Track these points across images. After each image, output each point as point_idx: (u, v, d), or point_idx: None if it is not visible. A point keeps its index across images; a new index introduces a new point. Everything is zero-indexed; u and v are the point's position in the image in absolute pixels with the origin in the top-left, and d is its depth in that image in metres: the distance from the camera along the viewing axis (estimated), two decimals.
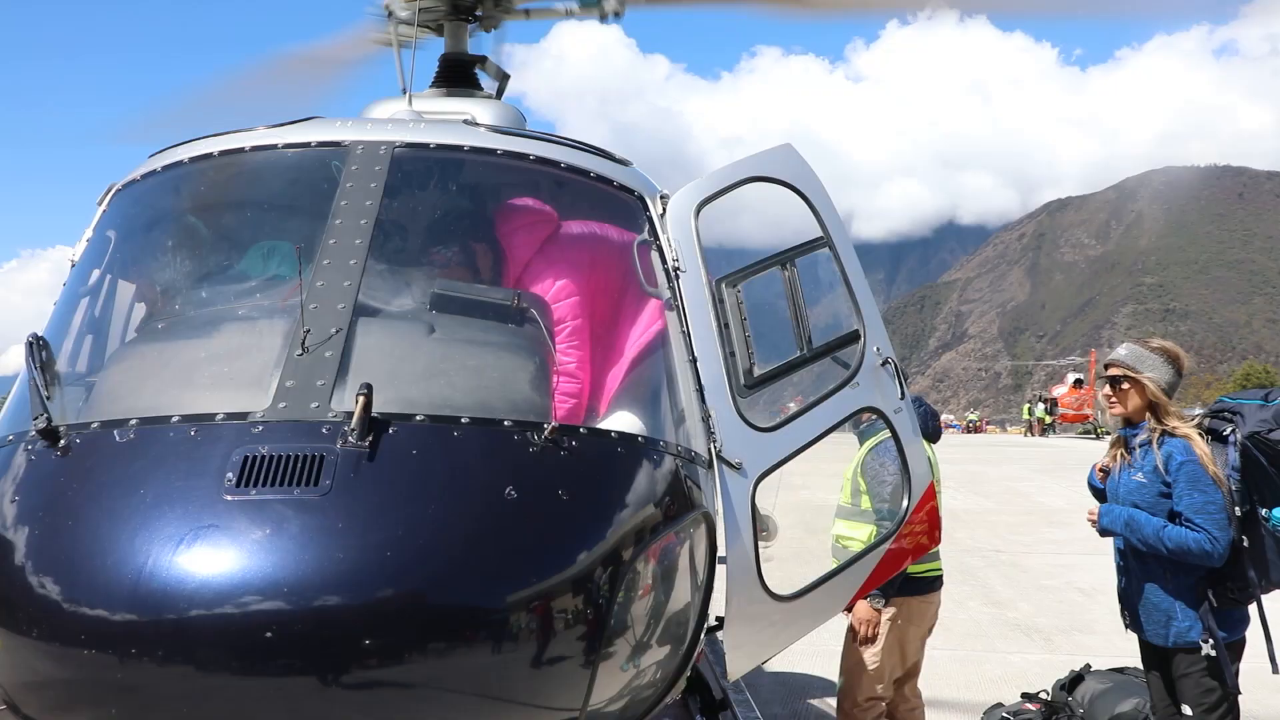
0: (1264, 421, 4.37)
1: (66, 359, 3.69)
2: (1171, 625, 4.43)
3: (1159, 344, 4.63)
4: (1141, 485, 4.50)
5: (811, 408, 3.91)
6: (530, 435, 3.00)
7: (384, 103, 4.86)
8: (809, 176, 4.17)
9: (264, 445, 2.73)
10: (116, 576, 2.51)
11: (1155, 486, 4.44)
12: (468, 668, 2.65)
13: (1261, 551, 4.36)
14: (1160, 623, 4.48)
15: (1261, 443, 4.34)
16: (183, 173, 3.94)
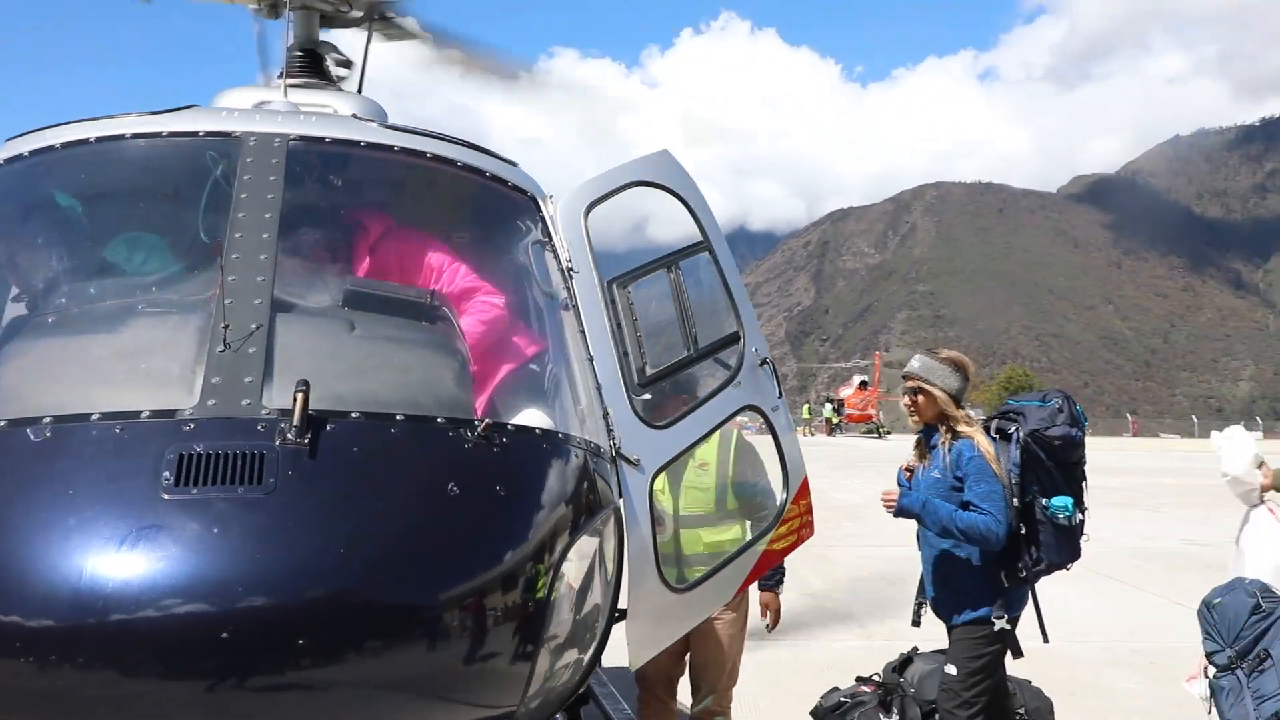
0: (1042, 420, 4.82)
1: None
2: (966, 606, 4.89)
3: (946, 355, 5.04)
4: (937, 480, 4.93)
5: (699, 406, 3.99)
6: (464, 432, 3.04)
7: (237, 91, 4.63)
8: (688, 182, 4.22)
9: (199, 443, 2.65)
10: (54, 582, 2.40)
11: (948, 481, 4.87)
12: (432, 662, 2.67)
13: (1036, 536, 4.81)
14: (956, 605, 4.93)
15: (1040, 439, 4.79)
16: (56, 159, 3.76)
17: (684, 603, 3.91)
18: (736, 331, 4.15)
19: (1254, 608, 4.38)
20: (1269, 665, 4.25)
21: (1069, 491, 4.84)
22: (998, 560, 4.80)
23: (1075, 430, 4.85)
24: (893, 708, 6.13)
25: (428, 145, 3.98)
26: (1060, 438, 4.79)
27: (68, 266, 3.81)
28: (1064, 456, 4.84)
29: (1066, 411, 4.87)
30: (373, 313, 3.53)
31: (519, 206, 4.18)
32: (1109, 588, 11.55)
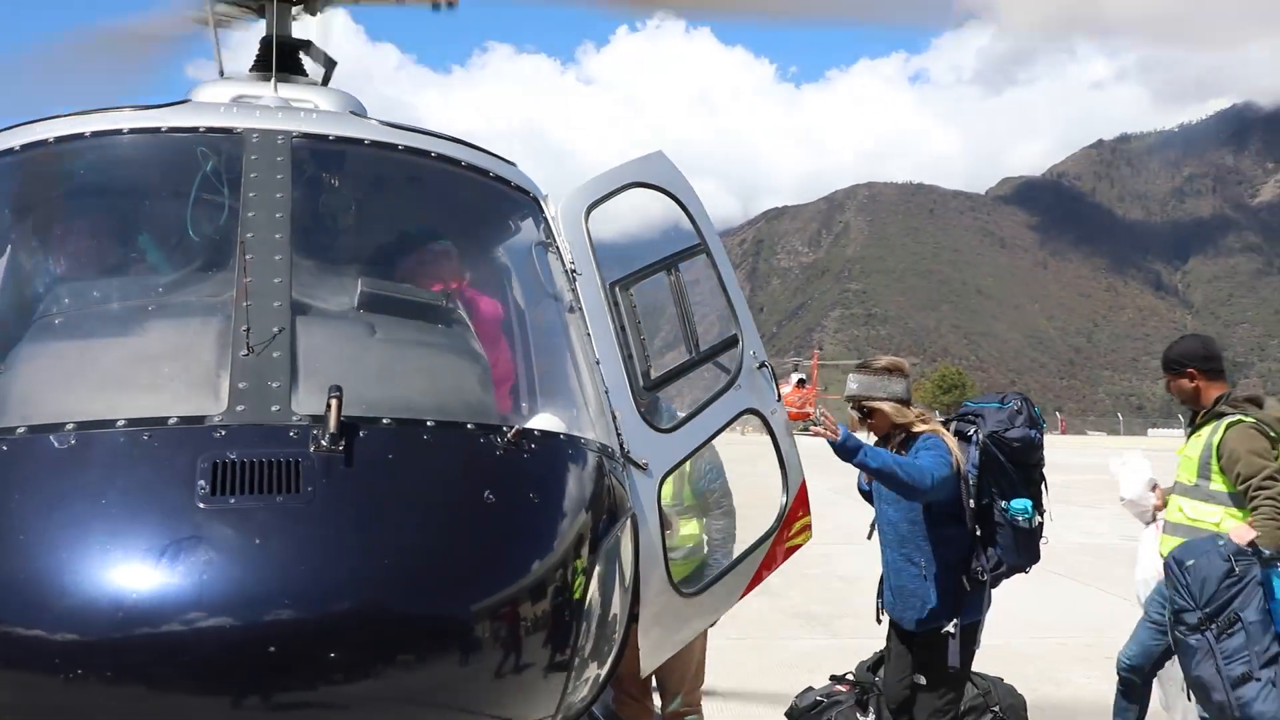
0: (1001, 422, 4.81)
1: None
2: (926, 611, 4.77)
3: (882, 364, 4.93)
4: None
5: (701, 410, 3.97)
6: (494, 438, 3.01)
7: (215, 84, 4.50)
8: (684, 184, 4.19)
9: (232, 451, 2.60)
10: (95, 596, 2.32)
11: None
12: (482, 669, 2.64)
13: (993, 538, 4.81)
14: (915, 608, 4.81)
15: (999, 440, 4.77)
16: (51, 153, 3.58)
17: (693, 607, 3.88)
18: (735, 334, 4.12)
19: (1227, 571, 4.40)
20: (1238, 628, 4.30)
21: (1028, 493, 4.85)
22: (957, 566, 4.76)
23: (1034, 432, 4.85)
24: (869, 706, 6.12)
25: (431, 144, 3.89)
26: (1019, 439, 4.79)
27: (71, 266, 3.68)
28: (1023, 458, 4.84)
29: (1025, 413, 4.87)
30: (390, 315, 3.46)
31: (523, 207, 4.13)
32: (1058, 584, 11.69)
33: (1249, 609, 4.32)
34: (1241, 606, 4.32)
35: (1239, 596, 4.35)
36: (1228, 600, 4.37)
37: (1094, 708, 6.42)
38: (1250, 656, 4.27)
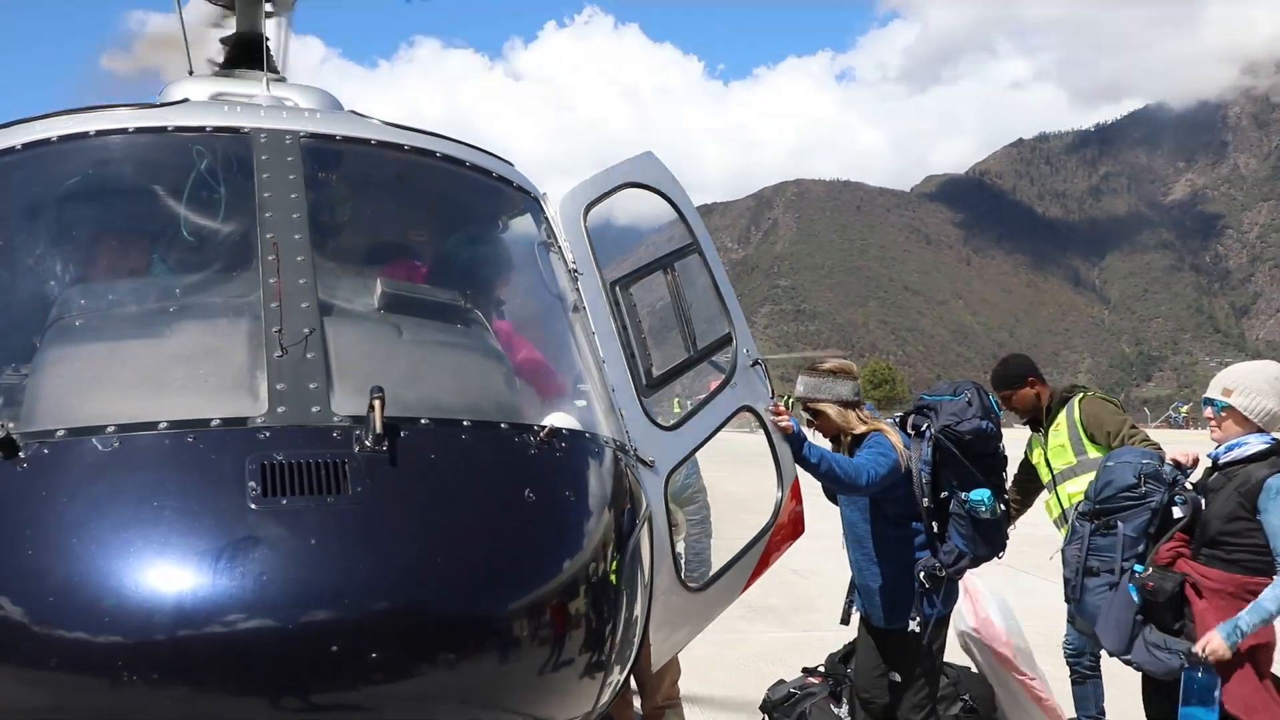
0: (953, 415, 4.82)
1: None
2: (890, 608, 4.82)
3: (828, 366, 4.93)
4: None
5: (702, 408, 3.99)
6: (528, 437, 3.04)
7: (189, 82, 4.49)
8: (674, 184, 4.22)
9: (278, 452, 2.61)
10: (152, 598, 2.34)
11: None
12: (529, 665, 2.67)
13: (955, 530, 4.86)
14: (880, 606, 4.86)
15: (951, 434, 4.78)
16: (55, 152, 3.51)
17: (699, 602, 3.93)
18: (729, 333, 4.17)
19: (1132, 486, 4.64)
20: (1114, 534, 4.66)
21: (987, 483, 4.85)
22: (916, 563, 4.81)
23: (986, 422, 4.83)
24: (843, 698, 6.17)
25: (435, 144, 3.90)
26: (971, 432, 4.78)
27: (84, 267, 3.67)
28: (978, 449, 4.83)
29: (977, 404, 4.86)
30: (412, 315, 3.49)
31: (526, 207, 4.15)
32: (1004, 573, 11.94)
33: (1130, 525, 4.61)
34: (1126, 519, 4.63)
35: (1128, 510, 4.64)
36: (1118, 508, 4.66)
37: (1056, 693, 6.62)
38: (1109, 559, 4.65)
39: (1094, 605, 4.73)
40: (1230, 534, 4.32)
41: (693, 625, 4.08)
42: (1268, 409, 4.38)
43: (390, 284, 3.52)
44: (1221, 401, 4.47)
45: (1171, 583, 4.41)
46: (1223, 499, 4.37)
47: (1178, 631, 4.41)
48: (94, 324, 3.31)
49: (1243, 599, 4.23)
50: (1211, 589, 4.32)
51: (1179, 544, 4.54)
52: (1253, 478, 4.27)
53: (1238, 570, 4.28)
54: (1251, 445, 4.36)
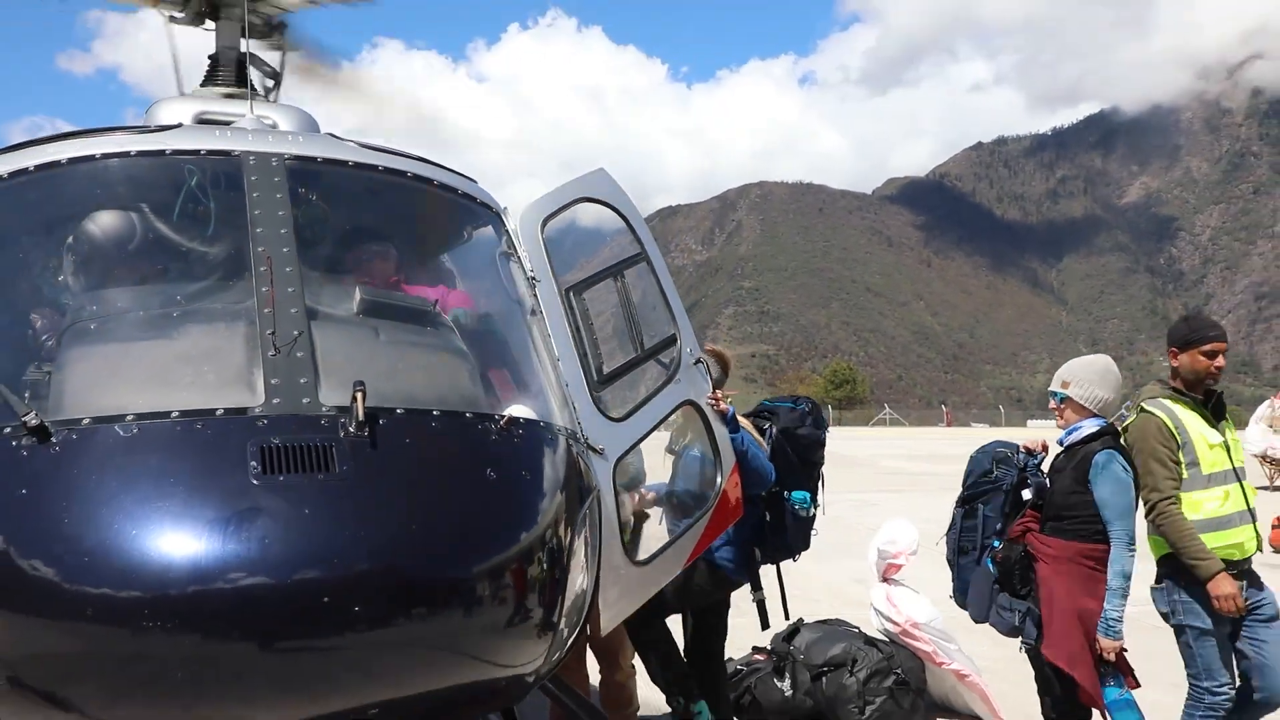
0: (793, 420, 5.58)
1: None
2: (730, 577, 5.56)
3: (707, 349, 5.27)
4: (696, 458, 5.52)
5: (648, 401, 4.39)
6: (489, 425, 3.47)
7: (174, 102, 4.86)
8: (624, 198, 4.64)
9: (275, 437, 2.99)
10: (172, 559, 2.70)
11: None
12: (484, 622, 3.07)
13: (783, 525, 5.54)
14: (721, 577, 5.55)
15: (790, 436, 5.54)
16: (64, 174, 3.91)
17: (645, 574, 4.31)
18: (674, 334, 4.55)
19: (986, 471, 5.32)
20: (977, 517, 5.31)
21: (807, 486, 5.58)
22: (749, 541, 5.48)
23: (820, 432, 5.64)
24: (785, 673, 6.66)
25: (405, 165, 4.31)
26: (806, 437, 5.55)
27: (98, 277, 3.97)
28: (808, 455, 5.59)
29: (814, 415, 5.68)
30: (387, 319, 3.89)
31: (488, 221, 4.56)
32: None
33: (989, 506, 5.27)
34: (985, 501, 5.29)
35: (987, 493, 5.29)
36: (979, 493, 5.32)
37: (982, 670, 7.00)
38: (975, 538, 5.30)
39: (965, 581, 5.36)
40: (1069, 507, 4.92)
41: (639, 595, 4.42)
42: (1100, 396, 5.04)
43: (367, 291, 3.92)
44: (1061, 393, 5.14)
45: (1016, 553, 5.04)
46: (1064, 477, 4.99)
47: (1025, 596, 5.02)
48: (108, 327, 3.65)
49: (1078, 563, 4.87)
50: (1051, 556, 4.93)
51: (1030, 520, 5.12)
52: (1086, 455, 4.90)
53: (1074, 539, 4.88)
54: (1086, 428, 5.01)
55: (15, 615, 2.74)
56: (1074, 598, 4.83)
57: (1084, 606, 4.82)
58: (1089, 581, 4.83)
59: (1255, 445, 22.34)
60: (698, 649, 5.70)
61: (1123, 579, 4.75)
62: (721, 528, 4.80)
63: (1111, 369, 5.21)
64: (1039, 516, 5.11)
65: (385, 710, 2.91)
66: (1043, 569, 4.96)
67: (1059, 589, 4.87)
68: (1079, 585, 4.84)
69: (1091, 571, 4.84)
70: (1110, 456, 4.85)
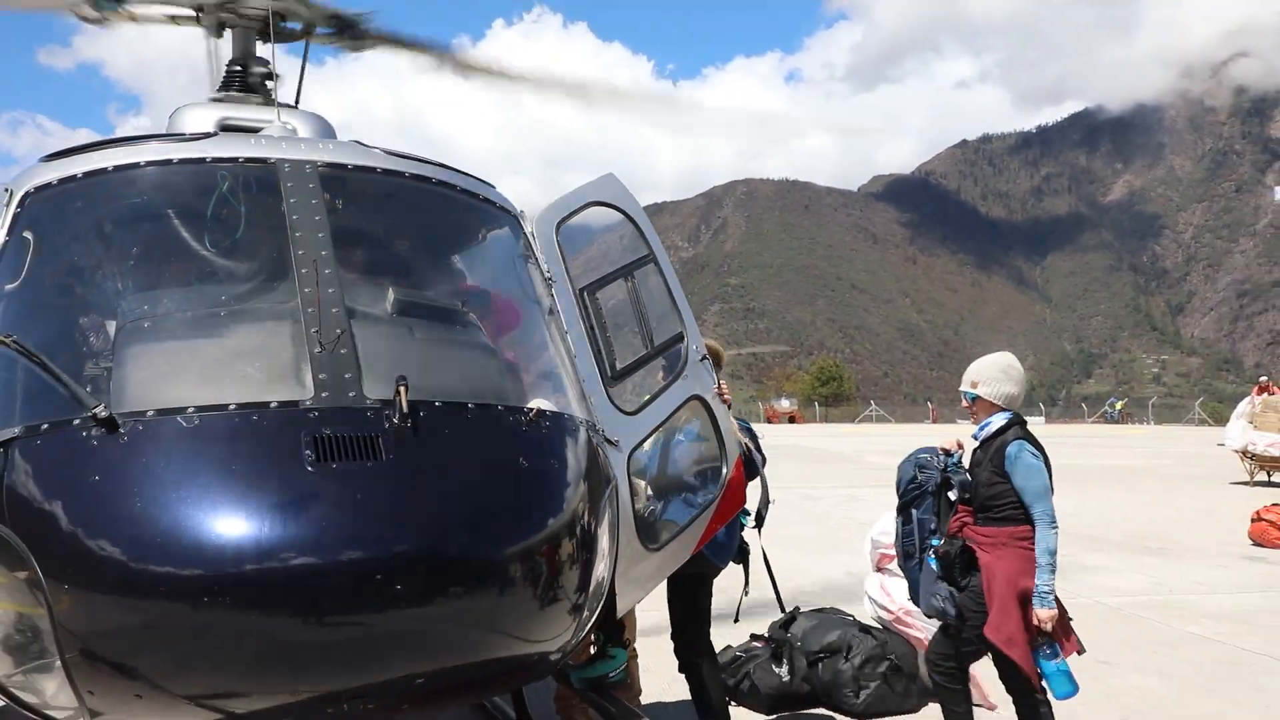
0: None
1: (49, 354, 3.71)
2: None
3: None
4: None
5: (658, 396, 4.60)
6: (520, 417, 3.72)
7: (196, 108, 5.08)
8: (633, 202, 4.91)
9: (326, 428, 3.21)
10: (239, 539, 2.91)
11: None
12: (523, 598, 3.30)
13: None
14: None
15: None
16: (112, 180, 4.08)
17: (656, 560, 4.51)
18: (681, 332, 4.79)
19: (912, 478, 5.61)
20: (913, 522, 5.59)
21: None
22: None
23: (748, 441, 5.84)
24: (783, 659, 6.89)
25: (430, 171, 4.51)
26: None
27: (150, 279, 4.16)
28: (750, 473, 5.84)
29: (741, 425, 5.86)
30: (421, 318, 4.14)
31: (508, 224, 4.79)
32: None
33: (922, 509, 5.57)
34: (916, 505, 5.60)
35: (915, 498, 5.59)
36: (910, 499, 5.63)
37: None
38: (913, 541, 5.59)
39: (914, 582, 5.65)
40: (993, 496, 5.27)
41: (651, 580, 4.67)
42: (1005, 392, 5.43)
43: (400, 291, 4.16)
44: (972, 393, 5.52)
45: (955, 547, 5.36)
46: (983, 469, 5.34)
47: (964, 586, 5.31)
48: (161, 326, 3.85)
49: (1013, 546, 5.20)
50: (989, 543, 5.25)
51: (964, 515, 5.45)
52: (1000, 447, 5.27)
53: (1006, 524, 5.22)
54: (996, 422, 5.40)
55: (91, 592, 2.91)
56: (1013, 579, 5.12)
57: (1024, 587, 5.11)
58: (1027, 562, 5.14)
59: (1235, 442, 22.71)
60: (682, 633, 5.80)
61: (1049, 555, 5.07)
62: (727, 516, 5.03)
63: (1015, 365, 5.56)
64: (971, 510, 5.44)
65: (429, 680, 3.11)
66: (984, 557, 5.25)
67: (1000, 573, 5.15)
68: (1017, 566, 5.14)
69: (1027, 552, 5.15)
70: (1020, 446, 5.20)
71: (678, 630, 5.79)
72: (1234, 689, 7.46)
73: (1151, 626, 9.40)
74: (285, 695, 2.97)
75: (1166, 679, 7.70)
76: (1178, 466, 30.54)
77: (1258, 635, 9.07)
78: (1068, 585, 11.11)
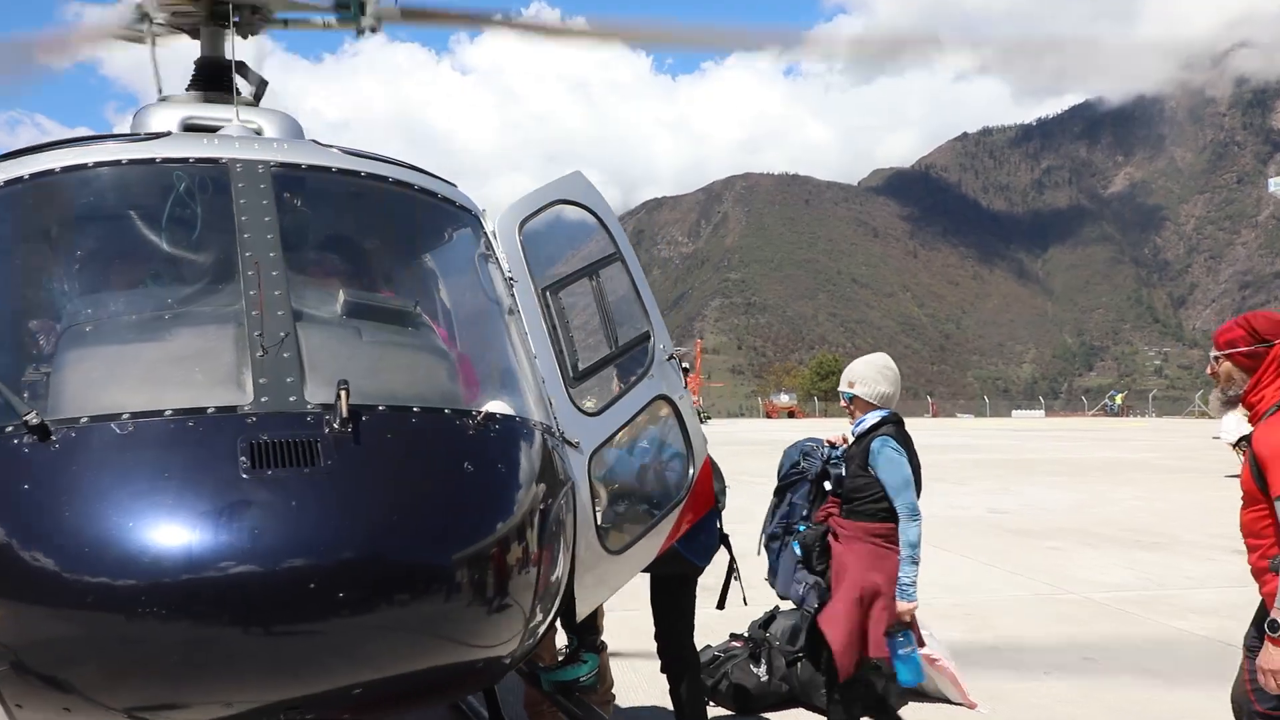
0: None
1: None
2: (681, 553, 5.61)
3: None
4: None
5: (622, 396, 4.53)
6: (466, 420, 3.60)
7: (161, 108, 4.95)
8: (600, 200, 4.82)
9: (263, 433, 3.12)
10: (167, 548, 2.83)
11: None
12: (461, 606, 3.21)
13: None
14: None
15: None
16: (58, 182, 4.01)
17: (618, 563, 4.42)
18: (647, 331, 4.68)
19: (795, 462, 5.79)
20: (786, 503, 5.77)
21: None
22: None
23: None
24: (761, 658, 6.89)
25: (387, 170, 4.43)
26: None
27: (92, 281, 4.11)
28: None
29: None
30: (370, 320, 4.02)
31: (467, 224, 4.68)
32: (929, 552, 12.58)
33: (797, 494, 5.77)
34: (793, 490, 5.79)
35: (795, 483, 5.79)
36: (789, 484, 5.81)
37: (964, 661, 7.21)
38: (784, 524, 5.75)
39: (776, 562, 5.77)
40: (857, 490, 5.44)
41: (614, 582, 4.57)
42: (880, 391, 5.57)
43: (350, 293, 4.05)
44: (849, 392, 5.65)
45: (817, 534, 5.55)
46: (852, 463, 5.52)
47: (822, 572, 5.51)
48: (103, 330, 3.77)
49: (867, 541, 5.37)
50: (846, 535, 5.44)
51: (832, 505, 5.62)
52: (868, 443, 5.43)
53: (864, 519, 5.40)
54: (869, 420, 5.53)
55: (20, 603, 2.86)
56: (859, 572, 5.30)
57: (868, 580, 5.29)
58: (874, 557, 5.32)
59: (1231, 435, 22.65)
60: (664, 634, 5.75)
61: (910, 548, 5.26)
62: (694, 518, 4.97)
63: (890, 366, 5.70)
64: (840, 502, 5.61)
65: (367, 690, 3.04)
66: (836, 547, 5.46)
67: (848, 564, 5.35)
68: (865, 561, 5.32)
69: (877, 548, 5.33)
70: (884, 442, 5.36)
71: (660, 630, 5.75)
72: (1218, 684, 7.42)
73: (1138, 621, 9.37)
74: (217, 707, 2.93)
75: (1150, 675, 7.67)
76: (1174, 459, 30.44)
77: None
78: (1057, 581, 11.17)
